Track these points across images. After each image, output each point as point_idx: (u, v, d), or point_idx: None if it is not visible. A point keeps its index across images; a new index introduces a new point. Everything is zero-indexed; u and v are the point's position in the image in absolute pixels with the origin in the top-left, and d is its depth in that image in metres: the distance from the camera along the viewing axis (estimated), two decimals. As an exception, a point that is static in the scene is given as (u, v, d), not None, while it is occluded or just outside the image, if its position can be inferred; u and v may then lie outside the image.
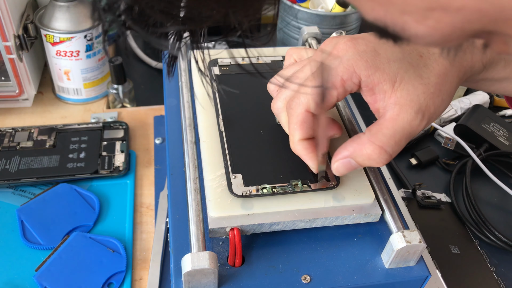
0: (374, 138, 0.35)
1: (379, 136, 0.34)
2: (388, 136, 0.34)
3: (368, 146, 0.35)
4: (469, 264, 0.55)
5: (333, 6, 0.75)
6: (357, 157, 0.36)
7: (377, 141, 0.34)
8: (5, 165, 0.59)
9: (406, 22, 0.20)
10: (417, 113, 0.34)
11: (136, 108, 0.73)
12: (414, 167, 0.68)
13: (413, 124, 0.34)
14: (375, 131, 0.35)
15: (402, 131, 0.34)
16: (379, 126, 0.35)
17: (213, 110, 0.46)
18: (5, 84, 0.66)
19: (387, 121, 0.34)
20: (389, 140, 0.34)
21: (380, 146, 0.34)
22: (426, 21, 0.19)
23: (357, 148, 0.35)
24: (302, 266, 0.38)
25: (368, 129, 0.36)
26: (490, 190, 0.65)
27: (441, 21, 0.19)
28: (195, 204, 0.38)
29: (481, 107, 0.72)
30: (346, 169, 0.37)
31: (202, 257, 0.34)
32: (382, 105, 0.35)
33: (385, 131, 0.34)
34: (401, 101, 0.34)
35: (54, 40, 0.65)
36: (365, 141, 0.35)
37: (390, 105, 0.35)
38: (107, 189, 0.59)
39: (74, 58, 0.67)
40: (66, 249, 0.50)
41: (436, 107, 0.35)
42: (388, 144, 0.34)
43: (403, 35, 0.20)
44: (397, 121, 0.34)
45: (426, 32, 0.20)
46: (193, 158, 0.42)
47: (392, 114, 0.34)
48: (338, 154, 0.37)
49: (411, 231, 0.37)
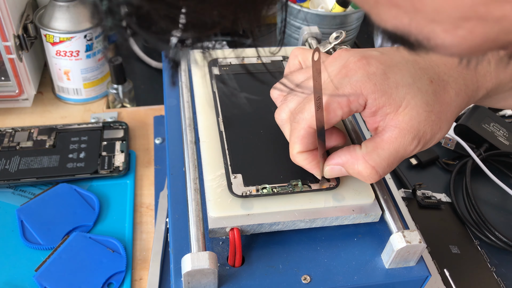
0: (368, 157, 0.35)
1: (373, 156, 0.35)
2: (382, 158, 0.35)
3: (361, 163, 0.36)
4: (469, 264, 0.55)
5: (333, 6, 0.75)
6: (348, 169, 0.37)
7: (371, 161, 0.35)
8: (5, 165, 0.59)
9: (434, 31, 0.18)
10: (413, 139, 0.35)
11: (136, 108, 0.72)
12: (414, 167, 0.68)
13: (408, 149, 0.35)
14: (371, 150, 0.35)
15: (396, 154, 0.35)
16: (375, 145, 0.35)
17: (213, 110, 0.46)
18: (5, 84, 0.66)
19: (384, 142, 0.35)
20: (382, 161, 0.35)
21: (372, 166, 0.35)
22: (457, 31, 0.18)
23: (350, 161, 0.36)
24: (302, 266, 0.38)
25: (365, 145, 0.36)
26: (490, 190, 0.65)
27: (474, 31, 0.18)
28: (195, 204, 0.38)
29: (481, 107, 0.72)
30: (335, 175, 0.38)
31: (202, 257, 0.34)
32: (382, 125, 0.36)
33: (380, 151, 0.35)
34: (402, 125, 0.35)
35: (54, 40, 0.65)
36: (360, 157, 0.36)
37: (390, 127, 0.35)
38: (107, 189, 0.59)
39: (74, 58, 0.67)
40: (66, 249, 0.50)
41: (432, 134, 0.35)
42: (381, 165, 0.35)
43: (426, 44, 0.19)
44: (394, 144, 0.35)
45: (454, 43, 0.18)
46: (193, 158, 0.42)
47: (390, 136, 0.35)
48: (332, 160, 0.38)
49: (411, 231, 0.37)
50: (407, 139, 0.35)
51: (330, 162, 0.38)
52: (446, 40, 0.18)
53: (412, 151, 0.35)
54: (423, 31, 0.18)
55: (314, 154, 0.38)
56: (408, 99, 0.34)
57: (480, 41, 0.18)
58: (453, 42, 0.18)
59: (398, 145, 0.35)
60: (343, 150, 0.37)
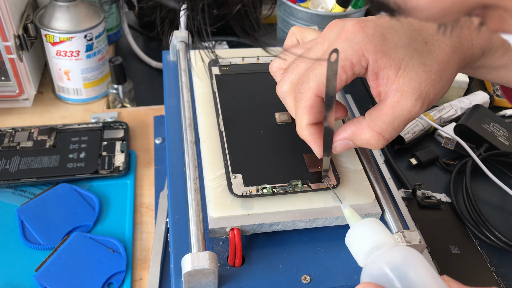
0: (373, 124, 0.36)
1: (378, 123, 0.35)
2: (387, 123, 0.35)
3: (367, 131, 0.36)
4: (469, 264, 0.55)
5: (333, 6, 0.75)
6: (355, 140, 0.37)
7: (376, 128, 0.36)
8: (5, 165, 0.59)
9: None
10: (417, 100, 0.35)
11: (136, 108, 0.72)
12: (414, 167, 0.68)
13: (412, 111, 0.35)
14: (375, 117, 0.36)
15: (401, 118, 0.35)
16: (379, 111, 0.36)
17: (213, 110, 0.46)
18: (5, 84, 0.66)
19: (387, 107, 0.35)
20: (387, 126, 0.35)
21: (378, 133, 0.36)
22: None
23: (356, 132, 0.37)
24: (302, 266, 0.38)
25: (368, 114, 0.36)
26: (490, 190, 0.65)
27: None
28: (195, 204, 0.38)
29: (481, 107, 0.72)
30: (343, 149, 0.39)
31: (202, 257, 0.34)
32: (384, 89, 0.36)
33: (384, 117, 0.35)
34: (403, 88, 0.35)
35: (54, 40, 0.65)
36: (365, 126, 0.36)
37: (392, 91, 0.35)
38: (107, 189, 0.59)
39: (74, 58, 0.67)
40: (66, 249, 0.50)
41: (435, 93, 0.36)
42: (387, 130, 0.35)
43: (404, 7, 0.21)
44: (397, 108, 0.35)
45: (426, 4, 0.20)
46: (193, 158, 0.42)
47: (392, 100, 0.35)
48: (338, 135, 0.38)
49: (411, 231, 0.37)
50: (410, 101, 0.35)
51: (336, 138, 0.38)
52: (420, 2, 0.20)
53: (417, 112, 0.35)
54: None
55: (320, 129, 0.38)
56: (406, 60, 0.35)
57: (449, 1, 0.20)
58: (426, 3, 0.20)
59: (402, 109, 0.35)
60: (348, 124, 0.38)
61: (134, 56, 0.85)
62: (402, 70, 0.35)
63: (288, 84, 0.39)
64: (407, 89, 0.35)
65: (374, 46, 0.35)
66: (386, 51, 0.35)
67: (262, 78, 0.50)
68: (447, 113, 0.73)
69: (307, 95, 0.36)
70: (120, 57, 0.67)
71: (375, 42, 0.35)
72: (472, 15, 0.22)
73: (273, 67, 0.42)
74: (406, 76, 0.35)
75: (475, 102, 0.74)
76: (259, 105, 0.46)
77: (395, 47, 0.35)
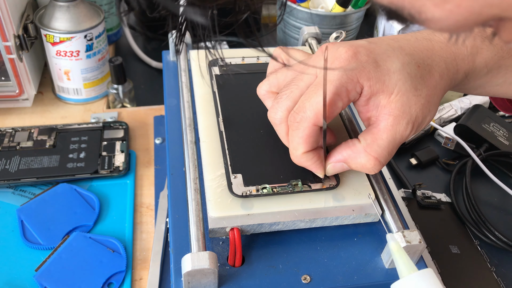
0: (369, 149, 0.36)
1: (374, 147, 0.36)
2: (383, 148, 0.36)
3: (364, 156, 0.36)
4: (469, 264, 0.55)
5: (333, 6, 0.75)
6: (350, 164, 0.38)
7: (373, 152, 0.36)
8: (5, 165, 0.59)
9: (424, 5, 0.20)
10: (407, 124, 0.36)
11: (136, 108, 0.73)
12: (414, 167, 0.68)
13: (404, 134, 0.36)
14: (370, 141, 0.36)
15: (394, 142, 0.36)
16: (374, 135, 0.36)
17: (213, 110, 0.46)
18: (5, 84, 0.66)
19: (381, 131, 0.36)
20: (383, 151, 0.36)
21: (375, 157, 0.36)
22: (445, 4, 0.20)
23: (352, 156, 0.37)
24: (302, 266, 0.38)
25: (363, 138, 0.37)
26: (490, 190, 0.65)
27: (461, 5, 0.20)
28: (195, 204, 0.38)
29: (481, 107, 0.72)
30: (337, 171, 0.39)
31: (202, 257, 0.34)
32: (375, 114, 0.36)
33: (380, 142, 0.36)
34: (395, 112, 0.35)
35: (54, 40, 0.65)
36: (361, 150, 0.36)
37: (384, 116, 0.36)
38: (107, 189, 0.59)
39: (74, 58, 0.67)
40: (66, 249, 0.50)
41: (423, 117, 0.36)
42: (382, 155, 0.36)
43: (418, 18, 0.21)
44: (390, 132, 0.36)
45: (442, 16, 0.20)
46: (193, 158, 0.42)
47: (386, 124, 0.36)
48: (332, 157, 0.38)
49: (411, 231, 0.37)
50: (402, 125, 0.35)
51: (331, 159, 0.38)
52: (436, 14, 0.20)
53: (407, 136, 0.36)
54: (415, 5, 0.20)
55: (318, 152, 0.38)
56: (399, 86, 0.35)
57: (466, 14, 0.20)
58: (442, 15, 0.20)
59: (394, 132, 0.36)
60: (342, 146, 0.38)
61: (134, 56, 0.85)
62: (395, 95, 0.35)
63: (283, 111, 0.38)
64: (399, 113, 0.35)
65: (368, 73, 0.35)
66: (380, 78, 0.35)
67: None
68: (447, 113, 0.73)
69: (304, 124, 0.36)
70: (120, 57, 0.67)
71: (369, 68, 0.35)
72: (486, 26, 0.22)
73: (261, 90, 0.42)
74: (398, 101, 0.35)
75: (475, 102, 0.74)
76: (259, 105, 0.46)
77: (388, 72, 0.36)
